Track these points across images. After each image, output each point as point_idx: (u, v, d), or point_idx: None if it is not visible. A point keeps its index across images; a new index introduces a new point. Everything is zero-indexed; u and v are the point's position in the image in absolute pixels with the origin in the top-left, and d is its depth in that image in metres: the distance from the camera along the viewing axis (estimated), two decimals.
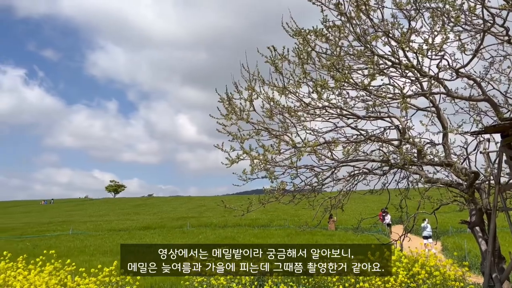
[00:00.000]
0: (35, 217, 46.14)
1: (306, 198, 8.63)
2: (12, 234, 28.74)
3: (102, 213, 47.36)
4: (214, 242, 21.09)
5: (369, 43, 5.71)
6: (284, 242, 20.27)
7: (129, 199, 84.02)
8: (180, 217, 37.24)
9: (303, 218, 29.07)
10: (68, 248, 19.74)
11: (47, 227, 32.21)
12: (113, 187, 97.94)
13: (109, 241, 22.42)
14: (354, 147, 7.23)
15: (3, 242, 22.35)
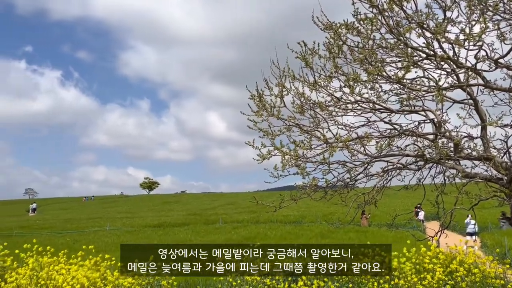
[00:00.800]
0: (75, 213, 47.86)
1: (339, 194, 8.55)
2: (53, 230, 29.97)
3: (137, 210, 48.56)
4: (246, 238, 21.24)
5: (402, 35, 5.58)
6: (317, 238, 20.17)
7: (162, 195, 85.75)
8: (212, 213, 37.70)
9: (335, 214, 28.80)
10: (105, 243, 20.39)
11: (86, 223, 33.35)
12: (147, 184, 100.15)
13: (144, 237, 22.99)
14: (388, 142, 7.10)
15: (45, 238, 23.33)
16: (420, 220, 26.18)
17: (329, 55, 7.03)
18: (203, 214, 37.48)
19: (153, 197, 77.10)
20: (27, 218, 43.65)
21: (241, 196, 64.75)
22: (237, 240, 20.96)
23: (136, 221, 32.88)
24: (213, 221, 30.72)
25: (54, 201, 77.64)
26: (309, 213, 31.77)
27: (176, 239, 21.86)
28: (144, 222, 31.75)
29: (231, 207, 43.41)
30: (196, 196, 75.09)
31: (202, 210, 41.72)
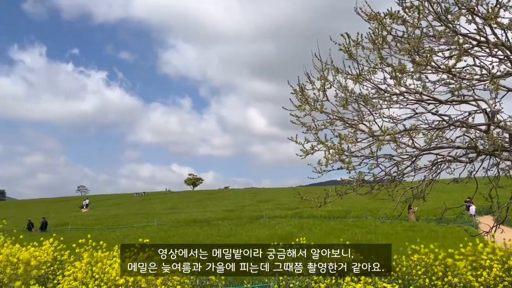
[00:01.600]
0: (124, 209, 49.73)
1: (385, 188, 8.35)
2: (104, 225, 31.32)
3: (183, 205, 49.75)
4: (290, 233, 21.23)
5: (451, 22, 5.35)
6: (362, 234, 19.84)
7: (206, 191, 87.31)
8: (255, 208, 37.98)
9: (381, 209, 28.18)
10: (154, 238, 21.03)
11: (134, 219, 34.60)
12: (191, 180, 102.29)
13: (191, 231, 23.53)
14: (437, 134, 6.85)
15: (97, 233, 24.42)
16: (471, 214, 25.11)
17: (373, 46, 6.86)
18: (246, 209, 37.85)
19: (197, 193, 78.70)
20: (80, 214, 45.88)
21: (283, 191, 64.73)
22: (281, 235, 21.00)
23: (182, 216, 33.72)
24: (257, 216, 30.93)
25: (104, 197, 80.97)
26: (354, 208, 31.27)
27: (220, 234, 22.21)
28: (189, 217, 32.50)
29: (273, 203, 43.52)
30: (239, 192, 75.88)
31: (245, 206, 42.12)
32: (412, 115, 7.27)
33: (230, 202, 49.53)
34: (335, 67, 7.24)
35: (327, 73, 7.21)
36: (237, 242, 18.83)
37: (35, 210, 57.71)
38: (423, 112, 7.05)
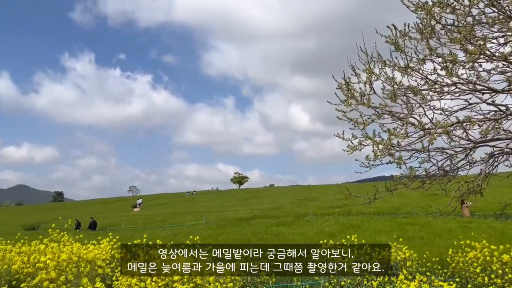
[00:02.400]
0: (173, 208, 51.14)
1: (438, 183, 8.07)
2: (156, 224, 32.38)
3: (230, 204, 50.42)
4: (339, 231, 20.96)
5: (504, 7, 5.09)
6: (414, 231, 19.21)
7: (252, 189, 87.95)
8: (301, 206, 37.79)
9: (432, 205, 27.17)
10: (203, 236, 21.45)
11: (184, 218, 35.49)
12: (237, 178, 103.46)
13: (238, 230, 23.79)
14: (493, 125, 6.53)
15: (149, 232, 25.28)
16: None
17: (421, 37, 6.66)
18: (292, 207, 37.76)
19: (243, 191, 79.44)
20: (132, 214, 47.68)
21: (329, 188, 63.96)
22: (329, 232, 20.77)
23: (229, 215, 34.18)
24: (303, 214, 30.77)
25: (155, 197, 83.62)
26: (404, 204, 30.35)
27: (268, 232, 22.30)
28: (236, 215, 32.89)
29: (319, 200, 43.11)
30: (285, 189, 75.82)
31: (291, 203, 42.04)
32: (466, 106, 6.98)
33: (275, 200, 49.62)
34: (381, 59, 7.08)
35: (373, 66, 7.07)
36: (284, 240, 18.85)
37: (90, 211, 60.62)
38: (477, 102, 6.75)
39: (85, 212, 57.88)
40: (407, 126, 7.20)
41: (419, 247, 12.48)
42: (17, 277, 7.82)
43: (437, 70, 6.85)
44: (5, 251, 8.84)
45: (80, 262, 7.07)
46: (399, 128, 7.22)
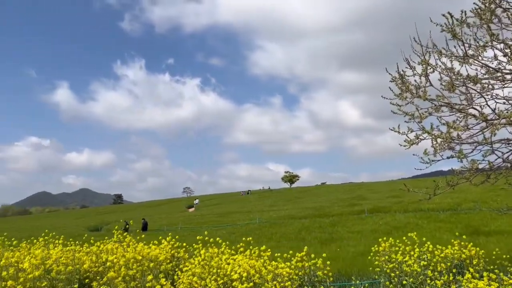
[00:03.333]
0: (227, 208, 51.98)
1: (504, 176, 7.63)
2: (210, 224, 33.10)
3: (282, 202, 50.49)
4: (395, 228, 20.35)
5: None
6: (478, 226, 18.23)
7: (303, 188, 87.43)
8: (355, 203, 37.06)
9: (497, 200, 25.64)
10: (257, 235, 21.67)
11: (238, 217, 35.99)
12: (288, 177, 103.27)
13: (292, 228, 23.77)
14: None
15: (204, 231, 25.89)
16: None
17: (480, 22, 6.33)
18: (345, 204, 37.12)
19: (294, 190, 79.19)
20: (187, 214, 49.06)
21: (383, 184, 62.23)
22: (385, 230, 20.21)
23: (282, 213, 34.24)
24: (358, 211, 30.16)
25: (208, 197, 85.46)
26: (465, 199, 28.88)
27: (322, 230, 22.09)
28: (289, 214, 32.88)
29: (374, 197, 42.04)
30: (336, 187, 74.69)
31: (344, 201, 41.33)
32: None
33: (327, 198, 49.01)
34: (437, 49, 6.81)
35: (429, 56, 6.81)
36: (339, 239, 18.59)
37: (147, 212, 63.04)
38: None
39: (143, 213, 60.27)
40: (467, 118, 6.87)
41: (485, 245, 11.84)
42: (86, 275, 8.30)
43: (499, 57, 6.48)
44: (74, 251, 9.38)
45: (144, 261, 7.38)
46: (458, 120, 6.90)
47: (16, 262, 6.47)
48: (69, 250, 9.18)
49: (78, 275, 8.37)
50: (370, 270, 8.97)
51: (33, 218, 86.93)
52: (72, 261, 8.47)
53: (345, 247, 15.65)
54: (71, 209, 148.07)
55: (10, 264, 6.37)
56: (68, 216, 75.75)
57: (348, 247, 15.54)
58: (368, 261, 10.14)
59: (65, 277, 7.18)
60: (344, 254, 13.81)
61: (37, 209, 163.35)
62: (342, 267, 10.74)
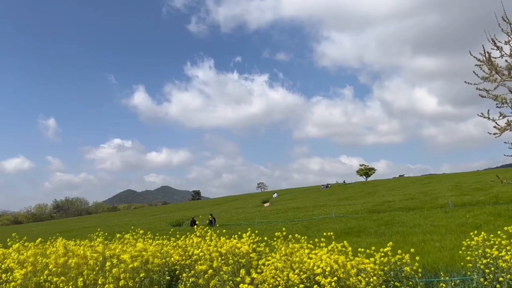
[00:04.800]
0: (301, 202, 51.94)
1: None
2: (286, 218, 33.32)
3: (358, 196, 49.33)
4: (484, 222, 18.97)
5: None
6: None
7: (380, 181, 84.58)
8: (437, 196, 35.12)
9: None
10: (334, 230, 21.40)
11: (312, 211, 35.84)
12: (363, 170, 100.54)
13: (370, 222, 23.15)
14: None
15: (281, 226, 26.12)
16: None
17: None
18: (426, 197, 35.31)
19: (371, 183, 76.94)
20: (263, 209, 49.75)
21: (467, 175, 58.32)
22: (473, 223, 18.95)
23: (358, 207, 33.48)
24: (441, 204, 28.58)
25: (284, 192, 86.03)
26: None
27: (402, 224, 21.24)
28: (366, 208, 32.05)
29: (457, 189, 39.50)
30: (416, 179, 71.27)
31: (424, 193, 39.32)
32: None
33: (406, 190, 46.95)
34: None
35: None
36: (422, 233, 17.75)
37: (224, 207, 65.05)
38: None
39: (220, 208, 62.32)
40: None
41: None
42: (173, 268, 8.79)
43: None
44: (162, 245, 9.98)
45: (228, 255, 7.64)
46: None
47: (117, 254, 7.06)
48: (158, 244, 9.78)
49: (167, 267, 8.90)
50: (460, 266, 8.47)
51: (121, 214, 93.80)
52: (161, 254, 9.02)
53: (429, 242, 14.92)
54: (154, 206, 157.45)
55: (113, 255, 6.95)
56: (151, 212, 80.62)
57: (432, 242, 14.80)
58: (457, 256, 9.60)
59: (158, 269, 7.67)
60: (429, 248, 13.19)
61: (124, 206, 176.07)
62: (428, 262, 10.27)
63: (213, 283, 6.63)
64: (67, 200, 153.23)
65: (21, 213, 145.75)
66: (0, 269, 6.98)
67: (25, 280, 6.14)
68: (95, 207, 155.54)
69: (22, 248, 7.77)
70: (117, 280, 6.30)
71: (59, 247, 7.02)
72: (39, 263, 6.43)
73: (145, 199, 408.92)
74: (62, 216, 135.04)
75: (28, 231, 44.75)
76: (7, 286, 6.26)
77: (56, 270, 6.24)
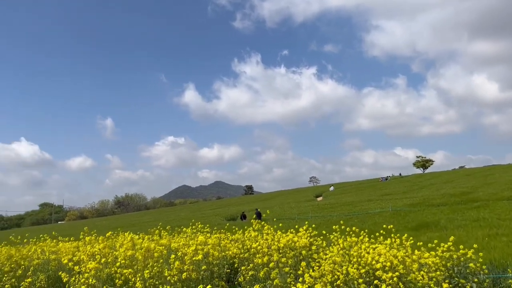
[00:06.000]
0: (354, 196, 51.00)
1: None
2: (340, 212, 32.88)
3: (415, 189, 47.60)
4: None
5: None
6: None
7: (438, 173, 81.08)
8: (502, 188, 33.09)
9: None
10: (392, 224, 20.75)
11: (367, 205, 35.08)
12: (420, 162, 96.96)
13: (430, 216, 22.28)
14: None
15: (336, 220, 25.84)
16: None
17: None
18: (490, 189, 33.37)
19: (429, 175, 73.96)
20: (316, 203, 49.42)
21: None
22: None
23: (416, 200, 32.32)
24: (507, 196, 26.91)
25: (339, 185, 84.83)
26: None
27: (464, 217, 20.26)
28: (424, 201, 30.86)
29: None
30: (478, 171, 67.56)
31: (488, 185, 37.17)
32: None
33: (468, 183, 44.62)
34: None
35: None
36: (488, 227, 16.84)
37: (276, 201, 65.28)
38: None
39: (272, 203, 62.66)
40: None
41: None
42: (231, 261, 9.03)
43: None
44: (220, 239, 10.26)
45: (285, 249, 7.74)
46: None
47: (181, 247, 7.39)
48: (216, 238, 10.08)
49: (225, 260, 9.15)
50: None
51: (177, 209, 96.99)
52: (218, 248, 9.30)
53: (495, 236, 14.13)
54: (208, 201, 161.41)
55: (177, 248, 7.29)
56: (206, 207, 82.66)
57: (500, 236, 14.01)
58: None
59: (218, 262, 7.92)
60: (495, 243, 12.50)
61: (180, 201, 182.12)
62: (495, 257, 9.76)
63: (273, 276, 6.75)
64: (127, 196, 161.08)
65: (86, 209, 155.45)
66: (72, 261, 7.52)
67: (97, 272, 6.57)
68: (153, 202, 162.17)
69: (94, 241, 8.33)
70: (180, 272, 6.59)
71: (127, 241, 7.45)
72: (108, 255, 6.85)
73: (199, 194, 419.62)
74: (122, 211, 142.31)
75: (94, 226, 47.57)
76: (80, 277, 6.71)
77: (124, 262, 6.63)
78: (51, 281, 8.48)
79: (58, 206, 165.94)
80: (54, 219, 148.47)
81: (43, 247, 9.58)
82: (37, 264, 8.58)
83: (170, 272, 6.48)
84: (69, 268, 7.52)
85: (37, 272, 8.34)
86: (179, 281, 6.46)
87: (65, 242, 10.46)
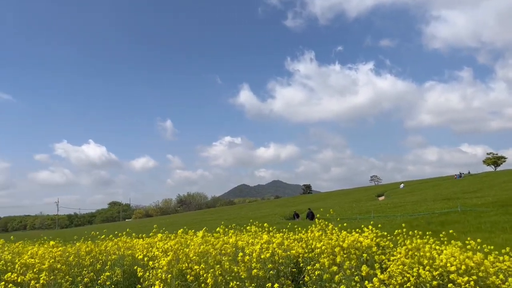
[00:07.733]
0: (420, 195, 48.94)
1: None
2: (404, 212, 31.71)
3: (487, 187, 44.72)
4: None
5: None
6: None
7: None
8: None
9: None
10: (462, 225, 19.82)
11: (434, 205, 33.53)
12: (491, 159, 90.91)
13: (505, 216, 20.87)
14: None
15: (400, 220, 24.95)
16: None
17: None
18: None
19: (502, 173, 69.07)
20: (378, 203, 48.10)
21: None
22: None
23: (488, 199, 30.40)
24: None
25: (394, 185, 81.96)
26: None
27: None
28: (497, 200, 28.93)
29: None
30: None
31: None
32: None
33: None
34: None
35: None
36: None
37: (335, 201, 64.35)
38: None
39: (331, 202, 61.84)
40: None
41: None
42: (295, 261, 9.05)
43: None
44: (283, 238, 10.33)
45: (350, 249, 7.63)
46: None
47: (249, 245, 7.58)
48: (280, 237, 10.16)
49: (289, 259, 9.20)
50: None
51: (236, 208, 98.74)
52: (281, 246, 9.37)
53: None
54: (266, 200, 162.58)
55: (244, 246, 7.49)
56: (265, 206, 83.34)
57: None
58: None
59: (283, 260, 8.00)
60: None
61: (239, 200, 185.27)
62: None
63: (338, 278, 6.70)
64: (189, 195, 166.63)
65: (150, 207, 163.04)
66: (147, 257, 7.95)
67: (169, 267, 6.90)
68: (213, 201, 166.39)
69: (165, 238, 8.76)
70: (249, 270, 6.74)
71: (198, 238, 7.76)
72: (180, 252, 7.17)
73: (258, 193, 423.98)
74: (184, 210, 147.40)
75: (159, 224, 49.72)
76: (153, 272, 7.09)
77: (195, 259, 6.91)
78: (126, 276, 9.04)
79: (125, 205, 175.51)
80: (122, 217, 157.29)
81: (118, 242, 10.20)
82: (114, 259, 9.18)
83: (238, 269, 6.67)
84: (143, 264, 7.97)
85: (114, 266, 8.92)
86: (249, 277, 6.62)
87: (138, 239, 11.07)
